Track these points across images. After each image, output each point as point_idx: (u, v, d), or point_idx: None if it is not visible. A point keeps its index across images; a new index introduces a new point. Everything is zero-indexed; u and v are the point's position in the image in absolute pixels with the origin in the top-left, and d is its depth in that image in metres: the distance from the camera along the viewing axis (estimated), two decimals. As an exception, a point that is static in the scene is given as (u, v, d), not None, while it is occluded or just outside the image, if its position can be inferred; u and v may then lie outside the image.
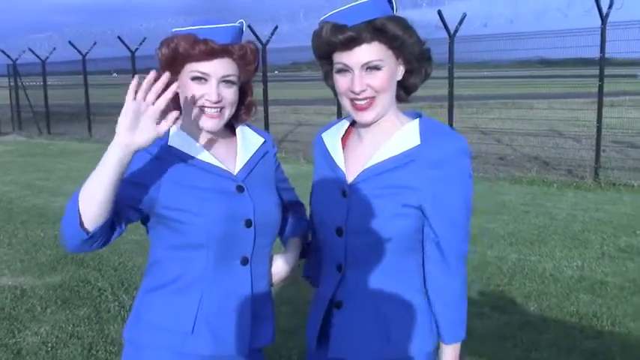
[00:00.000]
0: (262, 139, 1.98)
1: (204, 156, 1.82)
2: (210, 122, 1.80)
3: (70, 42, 18.56)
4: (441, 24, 11.30)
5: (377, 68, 1.69)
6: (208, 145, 1.86)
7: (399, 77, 1.77)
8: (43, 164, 13.21)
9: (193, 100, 1.79)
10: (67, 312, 4.88)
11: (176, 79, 1.78)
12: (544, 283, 5.41)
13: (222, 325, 1.82)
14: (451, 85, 11.41)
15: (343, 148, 1.87)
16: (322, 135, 1.95)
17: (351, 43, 1.66)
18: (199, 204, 1.75)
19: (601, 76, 9.94)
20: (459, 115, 12.75)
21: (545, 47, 11.72)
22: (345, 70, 1.71)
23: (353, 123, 1.90)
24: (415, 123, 1.78)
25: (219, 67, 1.77)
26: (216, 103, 1.77)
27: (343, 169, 1.81)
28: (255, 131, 2.00)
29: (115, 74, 25.21)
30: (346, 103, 1.77)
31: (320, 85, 2.00)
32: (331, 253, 1.85)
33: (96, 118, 19.45)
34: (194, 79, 1.78)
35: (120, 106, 1.62)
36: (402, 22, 1.69)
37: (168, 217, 1.78)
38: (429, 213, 1.72)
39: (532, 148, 13.17)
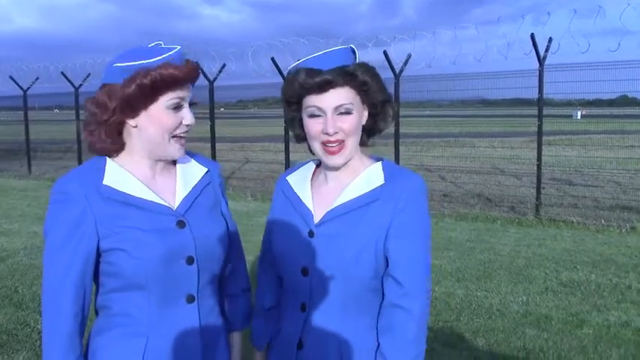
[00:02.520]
0: (205, 169, 1.93)
1: (142, 192, 1.75)
2: (180, 152, 1.82)
3: (10, 77, 18.12)
4: (386, 64, 11.56)
5: (348, 112, 1.75)
6: (146, 179, 1.79)
7: (363, 122, 1.82)
8: (-22, 202, 12.69)
9: (169, 129, 1.77)
10: (4, 356, 4.64)
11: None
12: (491, 319, 5.48)
13: None
14: (397, 124, 11.61)
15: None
16: (287, 178, 1.96)
17: (325, 86, 1.71)
18: (135, 245, 1.69)
19: (540, 116, 10.31)
20: (404, 153, 12.96)
21: (486, 88, 12.10)
22: (318, 114, 1.75)
23: (318, 165, 1.94)
24: (379, 165, 1.84)
25: (188, 92, 1.79)
26: (188, 127, 1.80)
27: (311, 209, 1.83)
28: (198, 160, 1.94)
29: (56, 110, 24.69)
30: (317, 147, 1.79)
31: (266, 122, 2.01)
32: (295, 293, 1.84)
33: (36, 155, 18.94)
34: (171, 108, 1.76)
35: (60, 142, 1.57)
36: (371, 70, 1.78)
37: (105, 261, 1.72)
38: (391, 247, 1.73)
39: (475, 185, 13.47)
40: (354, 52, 1.79)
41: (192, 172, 1.89)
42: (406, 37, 12.43)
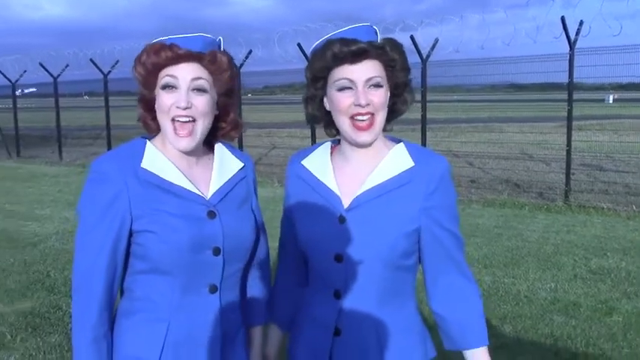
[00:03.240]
0: (241, 164, 1.93)
1: (177, 178, 1.77)
2: (181, 142, 1.74)
3: (40, 64, 18.38)
4: (413, 48, 11.46)
5: (378, 85, 1.73)
6: (183, 166, 1.80)
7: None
8: (12, 188, 12.96)
9: (165, 110, 1.74)
10: (37, 339, 4.76)
11: (154, 96, 1.77)
12: (518, 305, 5.45)
13: (190, 354, 1.78)
14: (424, 109, 11.54)
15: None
16: (302, 162, 1.90)
17: (360, 56, 1.70)
18: (164, 229, 1.71)
19: (570, 101, 10.14)
20: (431, 139, 12.87)
21: (515, 72, 11.95)
22: (348, 87, 1.72)
23: (333, 147, 1.91)
24: (402, 146, 1.82)
25: (187, 71, 1.73)
26: (185, 109, 1.71)
27: (338, 193, 1.79)
28: (234, 154, 1.93)
29: (86, 97, 25.00)
30: (345, 123, 1.75)
31: (293, 108, 1.99)
32: (328, 280, 1.82)
33: (67, 142, 19.24)
34: (164, 87, 1.74)
35: (90, 129, 1.61)
36: (400, 47, 1.77)
37: (135, 242, 1.75)
38: (434, 231, 1.76)
39: (503, 171, 13.34)
40: (376, 34, 1.77)
41: (229, 165, 1.89)
42: (433, 21, 12.33)
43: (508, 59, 11.64)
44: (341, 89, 1.74)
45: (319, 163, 1.87)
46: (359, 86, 1.71)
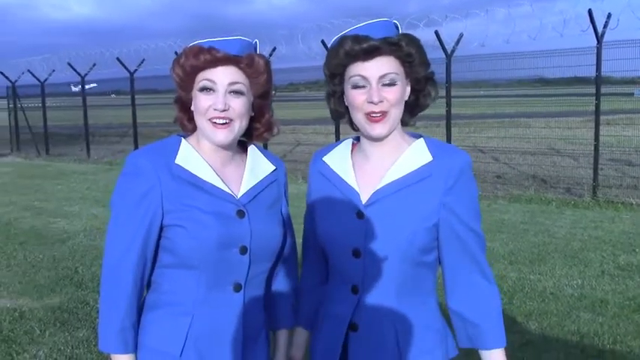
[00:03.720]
0: (273, 167, 1.95)
1: (209, 176, 1.80)
2: (219, 134, 1.77)
3: (68, 63, 18.67)
4: (437, 44, 11.39)
5: (392, 83, 1.73)
6: (216, 165, 1.83)
7: (406, 97, 1.80)
8: (41, 185, 13.19)
9: (202, 112, 1.77)
10: (65, 334, 4.85)
11: (191, 97, 1.81)
12: (544, 302, 5.40)
13: (212, 350, 1.80)
14: (449, 105, 11.47)
15: None
16: (323, 158, 1.92)
17: (372, 53, 1.70)
18: (194, 225, 1.74)
19: (597, 95, 10.01)
20: (456, 134, 12.79)
21: (542, 66, 11.81)
22: (362, 85, 1.73)
23: (354, 142, 1.92)
24: (421, 141, 1.82)
25: (224, 75, 1.76)
26: (222, 112, 1.75)
27: (357, 189, 1.80)
28: (267, 157, 1.96)
29: (113, 95, 25.29)
30: (360, 117, 1.76)
31: (317, 105, 2.00)
32: (346, 275, 1.83)
33: (94, 139, 19.49)
34: (202, 89, 1.78)
35: (117, 127, 1.64)
36: (417, 42, 1.76)
37: (164, 236, 1.78)
38: (454, 227, 1.75)
39: (530, 167, 13.20)
40: (397, 28, 1.77)
41: (261, 167, 1.92)
42: (458, 15, 12.26)
43: (534, 53, 11.52)
44: (355, 86, 1.75)
45: (340, 159, 1.89)
46: (372, 83, 1.72)
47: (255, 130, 1.92)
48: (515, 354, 4.28)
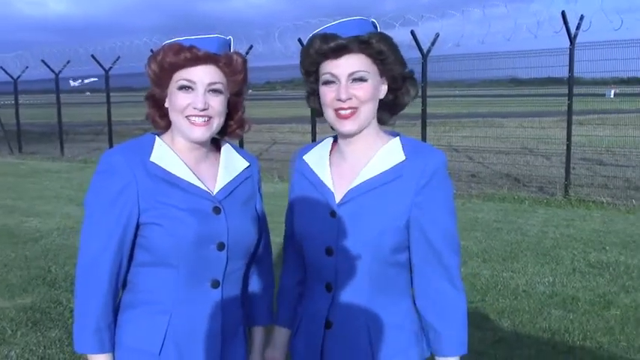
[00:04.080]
0: (247, 163, 1.96)
1: (184, 173, 1.80)
2: (197, 131, 1.78)
3: (42, 60, 18.41)
4: (414, 43, 11.47)
5: (362, 80, 1.74)
6: (190, 162, 1.84)
7: (382, 96, 1.81)
8: (14, 184, 12.99)
9: (180, 109, 1.77)
10: (37, 334, 4.79)
11: (166, 94, 1.80)
12: (517, 299, 5.48)
13: (191, 348, 1.80)
14: (424, 104, 11.55)
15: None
16: (304, 157, 1.94)
17: (340, 51, 1.72)
18: (171, 222, 1.74)
19: (570, 95, 10.16)
20: (432, 134, 12.89)
21: (517, 67, 11.96)
22: (332, 81, 1.75)
23: (334, 143, 1.93)
24: (397, 140, 1.82)
25: (205, 74, 1.77)
26: (202, 110, 1.75)
27: (332, 189, 1.81)
28: (240, 154, 1.98)
29: (87, 93, 24.98)
30: (330, 114, 1.78)
31: (293, 104, 2.02)
32: (319, 273, 1.85)
33: (68, 137, 19.26)
34: (181, 88, 1.77)
35: (92, 125, 1.64)
36: (388, 40, 1.76)
37: (141, 234, 1.78)
38: (424, 227, 1.75)
39: (503, 166, 13.35)
40: (375, 26, 1.78)
41: (235, 164, 1.93)
42: (434, 15, 12.36)
43: (509, 54, 11.65)
44: (325, 83, 1.77)
45: (318, 158, 1.91)
46: (342, 80, 1.73)
47: (229, 127, 1.93)
48: (488, 351, 4.35)
